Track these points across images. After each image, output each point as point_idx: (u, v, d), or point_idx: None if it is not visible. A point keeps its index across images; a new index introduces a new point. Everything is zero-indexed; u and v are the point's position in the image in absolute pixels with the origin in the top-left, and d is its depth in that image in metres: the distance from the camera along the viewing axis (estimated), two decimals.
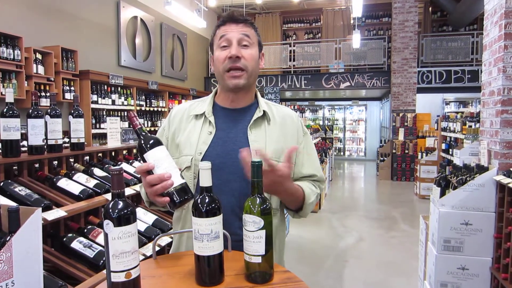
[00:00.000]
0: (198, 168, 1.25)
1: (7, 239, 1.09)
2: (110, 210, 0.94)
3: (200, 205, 1.00)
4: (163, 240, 2.26)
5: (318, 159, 1.54)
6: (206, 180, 1.03)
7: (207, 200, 1.01)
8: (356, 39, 9.56)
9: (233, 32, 1.32)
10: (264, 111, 1.40)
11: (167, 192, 1.11)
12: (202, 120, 1.39)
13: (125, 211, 0.95)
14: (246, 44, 1.33)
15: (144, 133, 1.15)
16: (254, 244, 1.01)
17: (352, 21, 12.58)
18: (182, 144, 1.37)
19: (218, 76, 1.38)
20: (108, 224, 0.94)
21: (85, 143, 2.40)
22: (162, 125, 1.49)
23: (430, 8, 12.03)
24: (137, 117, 1.19)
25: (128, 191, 2.32)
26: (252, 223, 1.01)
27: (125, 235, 0.94)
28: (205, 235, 0.99)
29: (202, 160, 1.30)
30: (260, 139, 1.35)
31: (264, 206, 1.02)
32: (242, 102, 1.41)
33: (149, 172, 1.12)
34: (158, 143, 1.14)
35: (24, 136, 2.16)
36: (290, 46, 12.16)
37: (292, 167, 1.37)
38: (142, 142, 1.14)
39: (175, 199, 1.10)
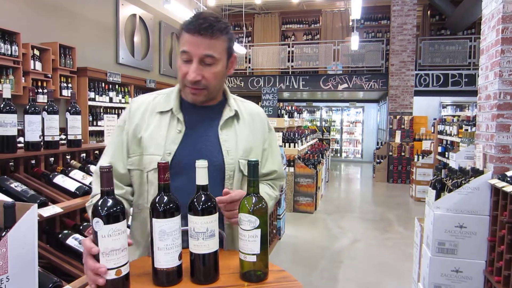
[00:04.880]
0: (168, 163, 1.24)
1: (3, 234, 1.09)
2: (100, 208, 0.94)
3: (196, 203, 1.01)
4: None
5: (280, 155, 1.53)
6: (202, 179, 1.03)
7: (203, 198, 1.01)
8: (354, 41, 9.58)
9: (195, 48, 1.21)
10: (235, 110, 1.36)
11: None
12: (168, 116, 1.31)
13: (115, 209, 0.95)
14: (209, 63, 1.23)
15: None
16: (249, 243, 1.01)
17: (351, 23, 12.61)
18: (146, 141, 1.28)
19: (179, 83, 1.32)
20: (97, 222, 0.93)
21: (82, 140, 2.40)
22: (121, 117, 1.37)
23: (428, 12, 12.08)
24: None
25: None
26: (247, 222, 1.01)
27: (115, 232, 0.94)
28: (201, 233, 1.00)
29: (172, 160, 1.25)
30: (230, 139, 1.33)
31: (260, 205, 1.03)
32: (211, 102, 1.35)
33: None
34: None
35: (21, 132, 2.15)
36: (289, 46, 12.17)
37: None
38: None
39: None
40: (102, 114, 6.67)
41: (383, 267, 4.27)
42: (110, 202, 0.95)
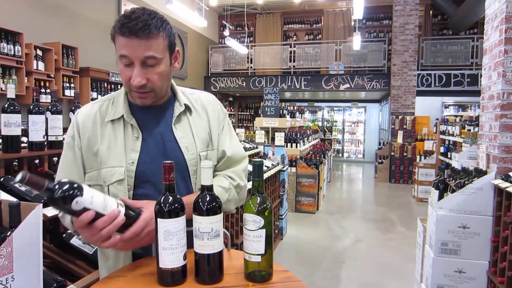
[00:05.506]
0: (133, 179, 1.22)
1: (8, 234, 1.10)
2: (60, 191, 0.96)
3: (201, 203, 1.01)
4: None
5: (237, 137, 1.46)
6: (207, 179, 1.03)
7: (208, 198, 1.01)
8: (356, 41, 9.57)
9: (134, 51, 1.14)
10: (185, 104, 1.32)
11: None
12: (122, 124, 1.26)
13: (71, 184, 0.97)
14: (151, 64, 1.17)
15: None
16: (254, 243, 1.02)
17: (352, 23, 12.59)
18: (104, 154, 1.23)
19: (124, 86, 1.26)
20: (77, 203, 0.97)
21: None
22: (68, 133, 1.29)
23: (430, 12, 12.05)
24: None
25: None
26: (252, 222, 1.01)
27: (90, 190, 1.02)
28: (206, 233, 1.00)
29: (136, 169, 1.23)
30: (187, 134, 1.30)
31: (265, 205, 1.03)
32: (160, 101, 1.30)
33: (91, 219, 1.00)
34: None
35: (24, 132, 2.16)
36: (291, 46, 12.16)
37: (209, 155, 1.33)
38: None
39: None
40: None
41: (385, 268, 4.27)
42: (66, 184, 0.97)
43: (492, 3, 2.81)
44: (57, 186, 0.94)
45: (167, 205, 1.00)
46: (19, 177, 0.88)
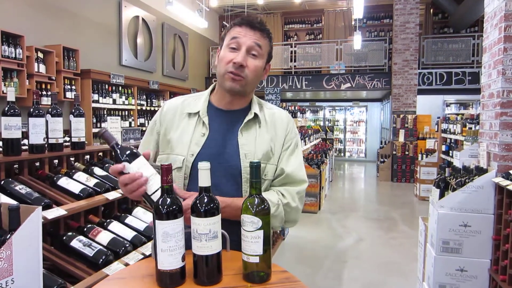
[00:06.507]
0: (189, 169, 1.31)
1: (7, 237, 1.10)
2: (119, 152, 1.15)
3: (199, 205, 1.01)
4: None
5: (303, 164, 1.45)
6: (205, 180, 1.03)
7: (205, 200, 1.02)
8: (357, 40, 9.57)
9: (246, 37, 1.29)
10: (255, 113, 1.38)
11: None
12: (195, 119, 1.37)
13: (129, 151, 1.15)
14: (255, 54, 1.31)
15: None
16: (252, 244, 1.02)
17: (353, 22, 12.57)
18: (174, 142, 1.35)
19: (218, 74, 1.36)
20: (125, 165, 1.14)
21: (86, 142, 2.41)
22: (153, 118, 1.47)
23: (431, 10, 12.03)
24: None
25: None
26: (250, 223, 1.02)
27: (141, 163, 1.15)
28: (204, 234, 1.00)
29: (193, 161, 1.31)
30: (250, 142, 1.34)
31: (262, 206, 1.03)
32: (237, 105, 1.39)
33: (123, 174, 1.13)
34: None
35: (25, 135, 2.17)
36: (291, 46, 12.16)
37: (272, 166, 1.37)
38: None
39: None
40: (105, 116, 6.70)
41: (388, 267, 4.26)
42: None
43: (491, 1, 2.81)
44: (118, 148, 1.15)
45: (165, 207, 1.00)
46: (100, 129, 1.17)
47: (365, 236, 5.38)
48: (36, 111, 2.00)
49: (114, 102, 6.96)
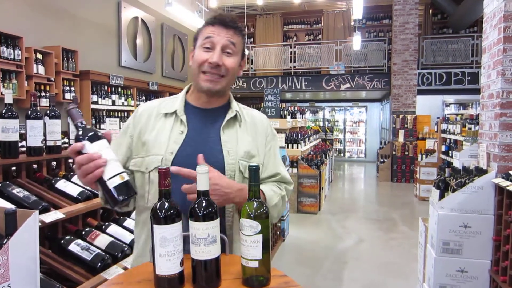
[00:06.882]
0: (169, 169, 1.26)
1: (4, 242, 1.09)
2: (81, 132, 1.11)
3: (197, 209, 1.00)
4: None
5: (282, 162, 1.51)
6: (203, 184, 1.02)
7: (204, 204, 1.00)
8: (356, 41, 9.56)
9: (220, 36, 1.29)
10: (236, 111, 1.39)
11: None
12: (173, 118, 1.35)
13: (92, 132, 1.10)
14: (230, 52, 1.30)
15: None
16: (251, 248, 1.01)
17: (352, 23, 12.58)
18: (151, 143, 1.32)
19: (193, 75, 1.34)
20: (85, 145, 1.09)
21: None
22: (126, 122, 1.43)
23: (430, 10, 12.03)
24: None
25: None
26: (249, 228, 1.00)
27: (103, 146, 1.10)
28: (202, 239, 0.99)
29: (173, 160, 1.28)
30: (232, 140, 1.34)
31: (261, 210, 1.02)
32: (215, 104, 1.38)
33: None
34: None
35: (24, 136, 2.16)
36: (291, 47, 12.16)
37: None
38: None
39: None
40: (104, 117, 6.69)
41: (388, 267, 4.26)
42: (86, 128, 1.12)
43: (491, 1, 2.80)
44: (81, 128, 1.12)
45: (163, 211, 0.99)
46: (69, 104, 1.15)
47: (365, 236, 5.37)
48: (34, 113, 1.98)
49: (113, 103, 6.94)
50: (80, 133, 1.10)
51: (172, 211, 1.00)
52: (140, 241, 1.35)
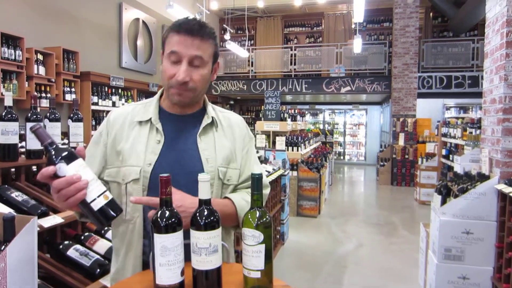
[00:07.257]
0: (148, 180, 1.24)
1: (2, 248, 1.07)
2: (53, 152, 1.00)
3: (199, 218, 0.98)
4: None
5: (259, 163, 1.47)
6: (204, 193, 1.00)
7: (205, 213, 0.99)
8: (357, 44, 9.55)
9: (186, 48, 1.21)
10: (212, 117, 1.35)
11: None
12: (148, 126, 1.30)
13: (66, 152, 1.01)
14: (197, 65, 1.23)
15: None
16: (253, 258, 0.99)
17: (353, 26, 12.58)
18: (126, 153, 1.26)
19: (163, 85, 1.30)
20: (60, 167, 0.99)
21: (84, 145, 2.38)
22: (98, 129, 1.36)
23: (431, 14, 12.03)
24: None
25: None
26: (251, 237, 0.99)
27: (80, 166, 1.01)
28: (204, 248, 0.97)
29: (152, 171, 1.24)
30: (209, 147, 1.31)
31: (264, 219, 1.00)
32: (190, 110, 1.35)
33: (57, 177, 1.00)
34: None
35: (23, 137, 2.14)
36: (291, 50, 12.16)
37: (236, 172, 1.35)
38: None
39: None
40: (105, 118, 6.67)
41: (388, 272, 4.23)
42: (59, 147, 1.02)
43: (493, 6, 2.79)
44: (52, 149, 1.01)
45: (164, 219, 0.97)
46: (33, 125, 1.02)
47: (365, 241, 5.35)
48: (34, 116, 1.96)
49: (114, 104, 6.93)
50: (53, 153, 1.00)
51: (173, 219, 0.98)
52: (120, 254, 1.29)
